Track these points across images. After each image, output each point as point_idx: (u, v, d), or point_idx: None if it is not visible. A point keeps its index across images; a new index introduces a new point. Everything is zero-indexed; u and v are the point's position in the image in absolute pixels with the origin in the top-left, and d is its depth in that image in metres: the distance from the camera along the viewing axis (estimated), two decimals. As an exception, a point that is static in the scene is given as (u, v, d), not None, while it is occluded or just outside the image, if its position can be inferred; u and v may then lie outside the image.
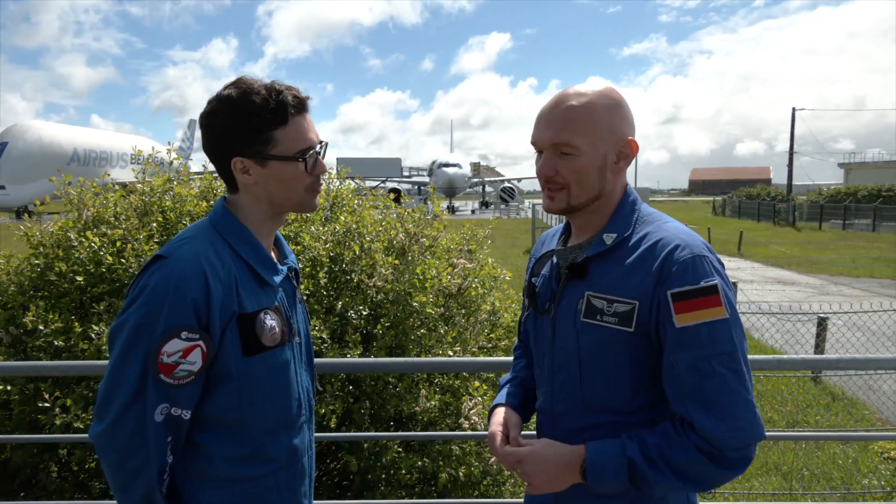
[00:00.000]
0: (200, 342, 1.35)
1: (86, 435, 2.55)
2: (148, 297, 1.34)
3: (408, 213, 3.50)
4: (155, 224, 3.10)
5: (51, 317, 2.91)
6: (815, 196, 45.64)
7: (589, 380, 1.44)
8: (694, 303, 1.30)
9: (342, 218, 3.26)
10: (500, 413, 1.63)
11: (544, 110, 1.48)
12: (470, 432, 2.80)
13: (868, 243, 26.10)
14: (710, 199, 68.14)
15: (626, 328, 1.37)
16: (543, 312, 1.55)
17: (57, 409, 2.77)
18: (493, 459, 3.05)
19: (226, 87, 1.48)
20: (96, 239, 3.04)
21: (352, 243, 3.10)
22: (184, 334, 1.33)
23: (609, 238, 1.44)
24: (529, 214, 32.64)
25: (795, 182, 48.41)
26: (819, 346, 7.19)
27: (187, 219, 3.17)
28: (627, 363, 1.39)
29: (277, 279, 1.53)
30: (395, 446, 2.90)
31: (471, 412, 2.82)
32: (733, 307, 1.33)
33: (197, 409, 1.41)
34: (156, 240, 3.07)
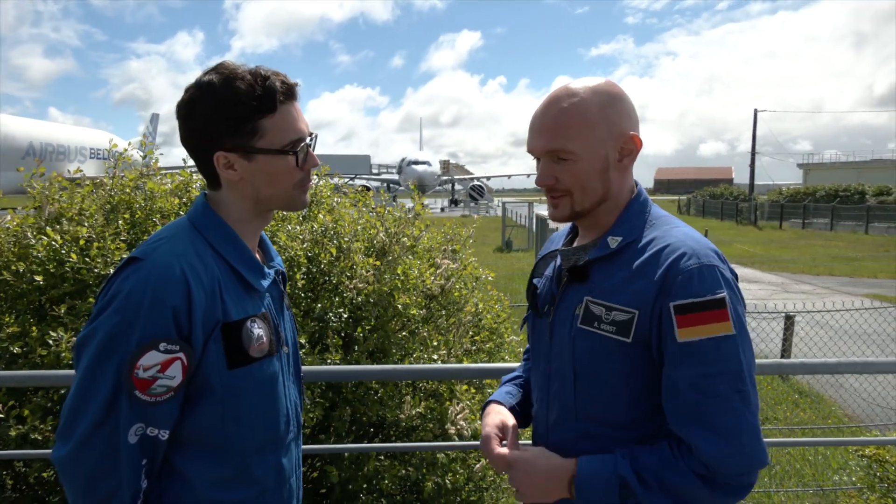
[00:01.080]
0: (181, 354, 1.21)
1: (45, 451, 2.37)
2: (121, 303, 1.19)
3: (388, 211, 3.38)
4: (121, 221, 2.92)
5: (6, 319, 2.71)
6: (776, 196, 46.84)
7: (583, 389, 1.36)
8: (699, 316, 1.21)
9: (320, 217, 3.12)
10: (495, 414, 1.52)
11: (536, 115, 1.39)
12: (462, 443, 2.70)
13: (826, 242, 26.89)
14: (675, 198, 69.44)
15: (623, 338, 1.28)
16: (542, 315, 1.47)
17: (12, 420, 2.58)
18: (477, 466, 2.96)
19: (206, 73, 1.33)
20: (57, 237, 2.85)
21: (329, 244, 2.97)
22: (162, 346, 1.19)
23: (613, 241, 1.35)
24: (499, 212, 32.69)
25: (757, 182, 49.62)
26: (787, 344, 7.32)
27: (157, 216, 3.00)
28: (624, 374, 1.31)
29: (265, 283, 1.40)
30: (377, 454, 2.79)
31: (457, 417, 2.72)
32: (742, 322, 1.25)
33: (176, 428, 1.27)
34: (122, 238, 2.89)
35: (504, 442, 1.44)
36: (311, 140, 1.40)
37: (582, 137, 1.33)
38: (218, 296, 1.27)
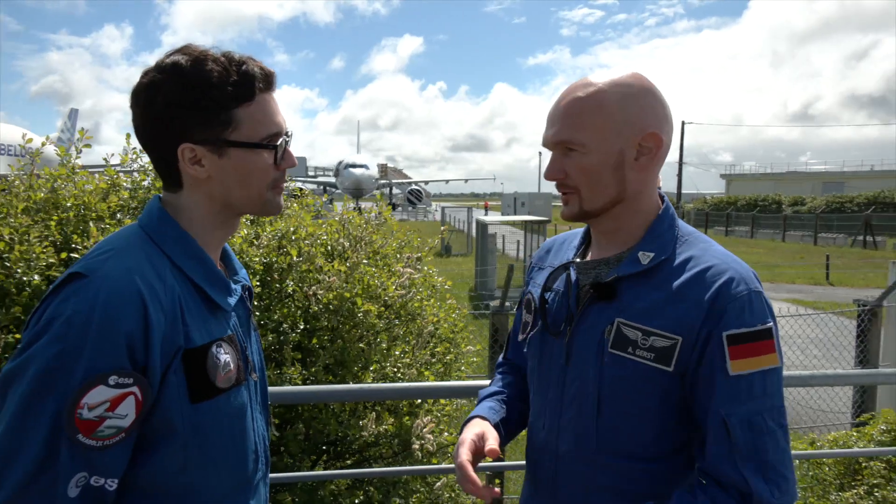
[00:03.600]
0: (134, 388, 1.00)
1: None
2: (61, 330, 0.98)
3: (351, 217, 3.21)
4: (53, 223, 2.63)
5: None
6: (701, 204, 49.11)
7: (607, 419, 1.23)
8: (750, 347, 1.13)
9: (275, 222, 2.91)
10: (478, 425, 1.36)
11: (552, 105, 1.28)
12: (434, 466, 2.55)
13: (748, 248, 28.32)
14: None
15: (664, 367, 1.17)
16: (556, 335, 1.33)
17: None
18: (438, 484, 2.82)
19: (169, 55, 1.14)
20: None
21: (288, 247, 2.77)
22: (112, 379, 0.98)
23: (646, 257, 1.23)
24: (437, 217, 32.68)
25: (683, 191, 51.71)
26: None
27: (92, 216, 2.72)
28: (656, 405, 1.20)
29: (231, 301, 1.21)
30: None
31: (423, 431, 2.58)
32: (781, 353, 1.18)
33: (128, 476, 1.05)
34: (51, 239, 2.61)
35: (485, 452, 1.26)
36: (288, 137, 1.23)
37: (593, 128, 1.21)
38: (179, 318, 1.08)
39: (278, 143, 1.19)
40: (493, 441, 1.28)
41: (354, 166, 56.36)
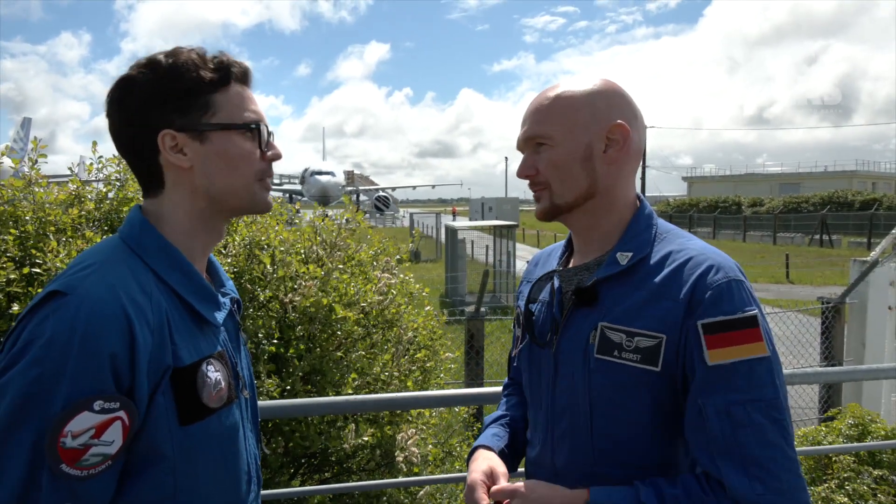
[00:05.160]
0: (121, 413, 0.94)
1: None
2: (40, 352, 0.91)
3: (324, 222, 3.14)
4: (10, 238, 2.50)
5: None
6: (665, 206, 50.09)
7: (601, 428, 1.20)
8: (730, 336, 1.09)
9: (242, 229, 2.82)
10: (483, 459, 1.32)
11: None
12: (427, 477, 2.49)
13: (711, 250, 28.94)
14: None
15: (651, 367, 1.14)
16: (544, 345, 1.30)
17: None
18: (421, 493, 2.78)
19: (145, 57, 1.12)
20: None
21: (261, 254, 2.68)
22: (97, 404, 0.92)
23: (623, 257, 1.22)
24: (404, 223, 32.59)
25: (647, 193, 52.70)
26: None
27: (52, 229, 2.60)
28: (649, 409, 1.17)
29: (220, 316, 1.15)
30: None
31: (408, 443, 2.53)
32: (773, 343, 1.12)
33: None
34: (9, 255, 2.48)
35: (493, 489, 1.24)
36: (269, 129, 1.20)
37: (560, 122, 1.23)
38: (167, 335, 1.02)
39: (261, 128, 1.16)
40: (502, 479, 1.25)
41: (321, 173, 55.86)
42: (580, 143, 1.23)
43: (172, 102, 1.09)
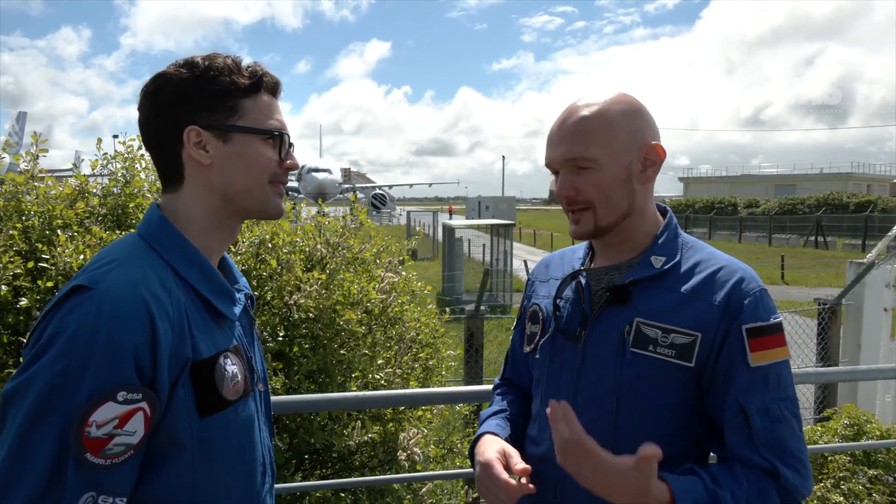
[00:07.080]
0: (143, 404, 0.98)
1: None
2: (66, 345, 0.94)
3: (329, 221, 3.16)
4: (16, 232, 2.51)
5: None
6: (661, 207, 50.14)
7: (626, 420, 1.26)
8: (766, 340, 1.21)
9: (254, 228, 2.84)
10: (493, 442, 1.34)
11: (554, 127, 1.32)
12: (455, 471, 2.51)
13: (707, 250, 29.03)
14: (569, 208, 72.51)
15: (685, 363, 1.22)
16: (574, 339, 1.34)
17: None
18: (423, 490, 2.80)
19: (183, 58, 1.18)
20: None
21: (267, 256, 2.70)
22: (121, 395, 0.96)
23: (658, 261, 1.29)
24: (401, 221, 32.63)
25: (643, 194, 52.64)
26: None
27: (58, 223, 2.60)
28: (675, 402, 1.24)
29: (236, 310, 1.19)
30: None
31: (410, 443, 2.55)
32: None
33: (134, 494, 1.02)
34: (16, 249, 2.49)
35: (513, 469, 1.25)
36: (291, 141, 1.24)
37: (603, 144, 1.26)
38: (186, 329, 1.06)
39: (283, 136, 1.20)
40: (517, 457, 1.28)
41: (317, 171, 55.74)
42: (622, 165, 1.27)
43: (203, 101, 1.13)
